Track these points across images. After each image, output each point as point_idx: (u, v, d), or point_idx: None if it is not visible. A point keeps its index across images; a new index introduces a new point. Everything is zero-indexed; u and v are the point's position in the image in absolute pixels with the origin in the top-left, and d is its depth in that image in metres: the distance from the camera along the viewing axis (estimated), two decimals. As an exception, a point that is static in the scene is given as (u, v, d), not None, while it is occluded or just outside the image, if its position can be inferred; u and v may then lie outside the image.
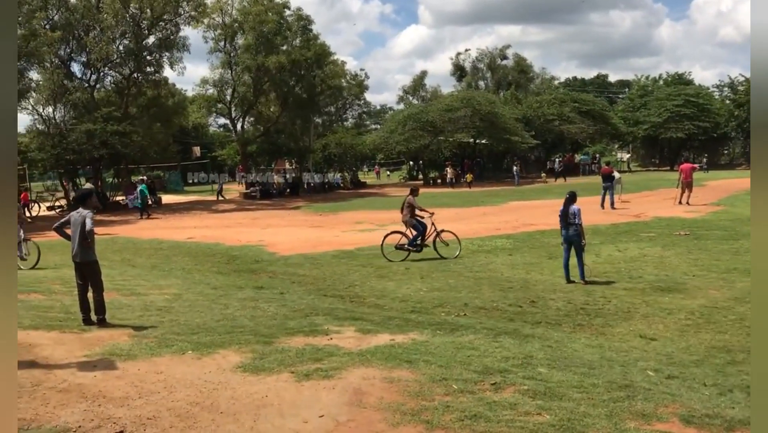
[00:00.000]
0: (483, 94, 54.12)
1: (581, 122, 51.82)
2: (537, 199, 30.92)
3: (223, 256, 16.85)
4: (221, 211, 31.51)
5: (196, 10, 35.90)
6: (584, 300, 10.89)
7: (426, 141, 47.01)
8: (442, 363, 6.86)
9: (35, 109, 34.68)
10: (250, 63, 38.13)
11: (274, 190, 41.31)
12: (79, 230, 8.65)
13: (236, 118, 43.50)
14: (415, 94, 67.15)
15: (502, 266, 14.21)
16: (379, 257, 15.79)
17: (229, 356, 7.14)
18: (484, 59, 66.02)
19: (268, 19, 38.08)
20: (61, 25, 33.20)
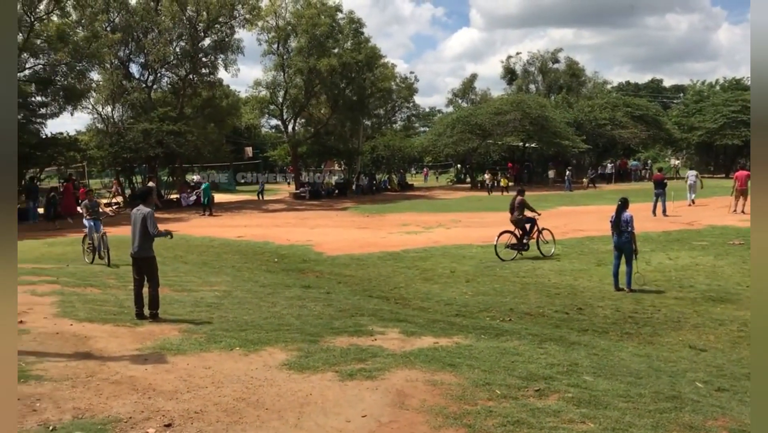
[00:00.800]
0: (533, 97, 53.47)
1: (634, 127, 50.71)
2: (587, 204, 30.44)
3: (271, 254, 17.12)
4: (271, 211, 31.99)
5: (250, 13, 36.52)
6: (633, 308, 10.71)
7: (474, 144, 46.76)
8: (485, 368, 6.84)
9: (95, 109, 35.85)
10: (302, 65, 38.58)
11: (323, 191, 41.73)
12: (139, 226, 8.84)
13: (287, 120, 44.08)
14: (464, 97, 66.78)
15: (550, 271, 14.06)
16: (425, 259, 15.82)
17: (276, 354, 7.25)
18: (536, 63, 65.29)
19: (321, 22, 38.47)
20: (122, 28, 34.22)
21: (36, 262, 14.84)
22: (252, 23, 37.67)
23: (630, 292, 11.83)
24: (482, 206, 31.27)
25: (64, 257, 16.36)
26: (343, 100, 42.04)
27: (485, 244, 18.02)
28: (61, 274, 12.43)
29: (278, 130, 51.60)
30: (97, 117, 36.29)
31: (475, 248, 17.49)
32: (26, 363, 6.46)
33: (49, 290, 10.45)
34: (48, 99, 29.52)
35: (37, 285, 10.82)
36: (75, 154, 32.65)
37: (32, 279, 11.40)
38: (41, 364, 6.49)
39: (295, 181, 43.69)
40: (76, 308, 9.20)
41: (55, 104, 29.91)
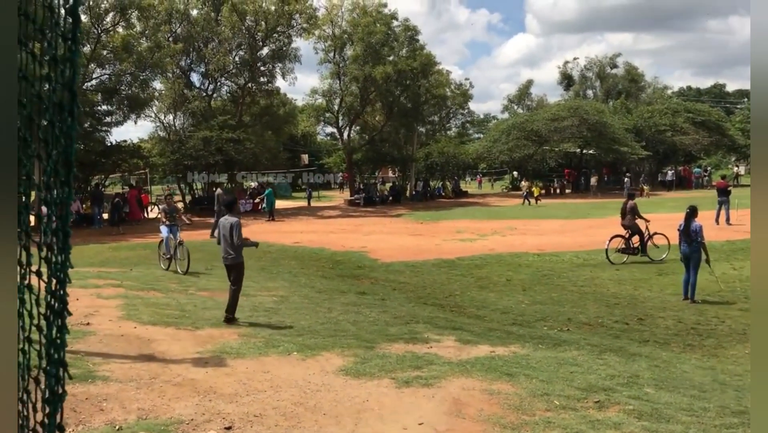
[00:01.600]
0: (591, 103, 52.56)
1: (695, 133, 49.25)
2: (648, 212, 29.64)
3: (327, 261, 17.29)
4: (326, 217, 32.32)
5: (308, 22, 37.07)
6: (696, 319, 10.41)
7: (530, 151, 46.27)
8: (543, 378, 6.75)
9: (157, 117, 37.02)
10: (357, 73, 38.90)
11: (377, 197, 41.91)
12: (229, 234, 9.32)
13: (343, 127, 44.47)
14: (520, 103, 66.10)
15: (609, 281, 13.79)
16: (480, 267, 15.72)
17: (332, 359, 7.31)
18: (593, 68, 64.17)
19: (377, 30, 38.73)
20: (183, 38, 35.21)
21: (101, 265, 15.35)
22: (309, 32, 38.22)
23: (692, 303, 11.49)
24: (538, 214, 30.88)
25: (127, 261, 16.89)
26: (397, 107, 42.17)
27: (542, 252, 17.81)
28: (125, 278, 12.83)
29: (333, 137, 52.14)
30: (159, 125, 37.45)
31: (531, 256, 17.27)
32: (93, 364, 6.69)
33: (114, 294, 10.80)
34: (113, 108, 30.58)
35: (102, 288, 11.20)
36: (138, 162, 33.71)
37: (98, 282, 11.79)
38: (107, 365, 6.72)
39: (350, 188, 44.03)
40: (140, 311, 9.48)
41: (120, 113, 30.97)
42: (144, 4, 29.39)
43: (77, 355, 6.94)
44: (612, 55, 64.09)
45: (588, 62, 64.33)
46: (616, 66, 63.50)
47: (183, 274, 13.76)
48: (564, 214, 30.02)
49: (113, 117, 30.88)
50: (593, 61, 64.03)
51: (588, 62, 64.33)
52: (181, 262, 14.17)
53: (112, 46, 28.73)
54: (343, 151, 45.47)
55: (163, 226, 14.79)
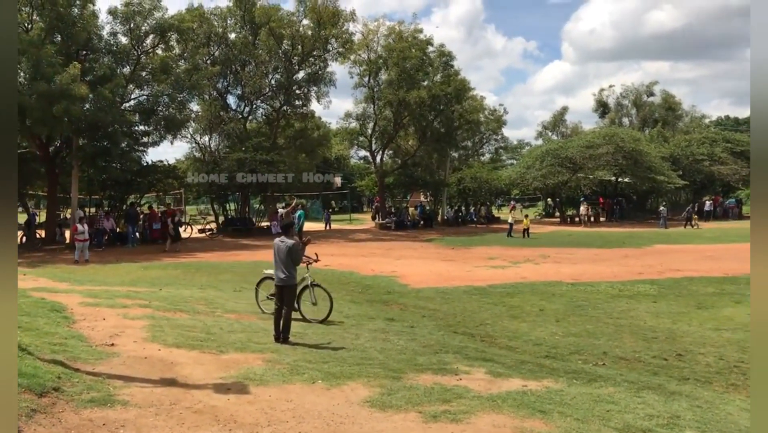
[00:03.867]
0: (627, 130, 51.86)
1: (734, 163, 48.31)
2: (685, 243, 28.99)
3: (356, 285, 17.10)
4: (357, 241, 32.20)
5: (343, 47, 37.34)
6: (738, 357, 9.95)
7: (564, 177, 45.71)
8: (578, 416, 6.46)
9: (193, 138, 37.44)
10: (391, 98, 38.95)
11: (409, 222, 41.71)
12: (284, 256, 9.78)
13: (376, 151, 44.54)
14: (554, 130, 65.66)
15: (645, 313, 13.34)
16: (512, 295, 15.36)
17: (358, 389, 7.12)
18: (629, 96, 63.55)
19: (412, 55, 38.83)
20: (221, 60, 35.70)
21: (131, 285, 15.38)
22: (345, 56, 38.51)
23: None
24: (572, 242, 30.35)
25: (158, 280, 16.90)
26: (431, 131, 42.12)
27: (576, 281, 17.40)
28: (153, 298, 12.79)
29: (366, 161, 52.23)
30: (195, 146, 37.87)
31: (565, 285, 16.86)
32: (114, 387, 6.58)
33: (141, 314, 10.74)
34: (150, 128, 30.96)
35: (129, 308, 11.16)
36: (173, 182, 34.07)
37: (126, 302, 11.77)
38: (128, 389, 6.59)
39: (381, 212, 43.95)
40: (165, 333, 9.39)
41: (156, 133, 31.32)
42: (183, 27, 29.85)
43: (98, 377, 6.85)
44: (649, 83, 63.50)
45: (624, 90, 63.78)
46: (652, 94, 62.83)
47: (319, 321, 11.23)
48: (598, 243, 29.44)
49: (150, 137, 31.25)
50: (629, 88, 63.49)
51: (624, 90, 63.78)
52: (313, 308, 11.43)
53: (151, 68, 29.15)
54: (376, 174, 45.45)
55: None
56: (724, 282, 17.12)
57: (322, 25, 35.66)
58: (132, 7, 28.08)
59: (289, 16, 36.54)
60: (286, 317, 9.72)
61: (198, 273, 18.61)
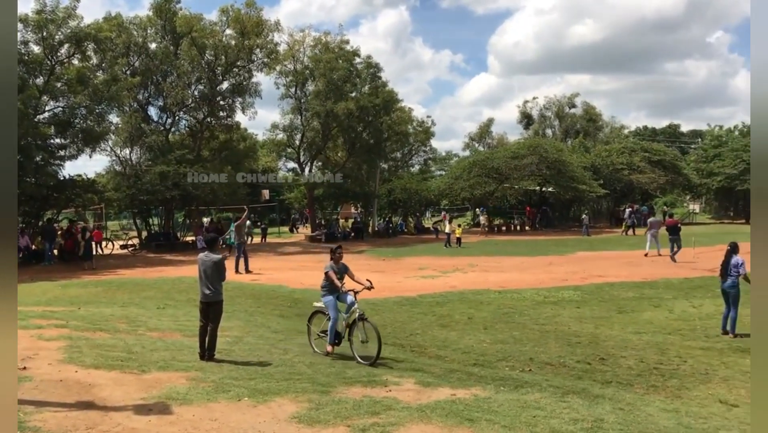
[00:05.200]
0: (550, 141, 53.51)
1: (651, 172, 50.49)
2: (606, 250, 29.97)
3: (285, 299, 16.86)
4: (287, 254, 31.81)
5: (268, 57, 36.92)
6: (658, 359, 10.30)
7: (491, 188, 46.62)
8: (505, 423, 6.53)
9: (113, 151, 36.07)
10: (319, 109, 38.83)
11: (339, 233, 41.55)
12: (211, 272, 9.46)
13: (304, 163, 44.25)
14: (481, 141, 67.01)
15: (570, 319, 13.67)
16: (442, 305, 15.46)
17: (285, 405, 6.99)
18: (552, 107, 65.57)
19: (339, 66, 38.87)
20: (141, 71, 34.62)
21: (47, 304, 14.67)
22: (270, 67, 38.12)
23: (733, 337, 11.56)
24: (499, 250, 30.92)
25: (77, 299, 16.17)
26: (359, 143, 42.22)
27: (503, 289, 17.69)
28: (71, 317, 12.22)
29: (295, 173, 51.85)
30: (115, 159, 36.56)
31: (492, 293, 17.11)
32: (24, 414, 6.19)
33: (57, 334, 10.23)
34: (67, 141, 29.67)
35: (44, 329, 10.61)
36: (93, 196, 32.77)
37: (40, 323, 11.19)
38: (40, 414, 6.23)
39: (311, 224, 43.62)
40: (83, 354, 8.97)
41: (74, 146, 30.00)
42: (101, 37, 28.79)
43: (7, 404, 6.43)
44: (570, 95, 65.64)
45: (547, 102, 65.71)
46: (574, 106, 64.99)
47: (368, 364, 9.39)
48: (524, 251, 30.09)
49: (67, 151, 29.93)
50: (552, 100, 65.51)
51: (547, 102, 65.71)
52: (363, 345, 9.79)
53: (67, 79, 28.01)
54: (305, 186, 45.14)
55: (329, 297, 10.24)
56: (644, 287, 17.77)
57: (246, 35, 35.18)
58: (44, 15, 26.82)
59: (211, 26, 35.88)
60: (212, 333, 9.44)
61: (120, 290, 17.93)
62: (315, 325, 10.61)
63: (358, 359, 9.52)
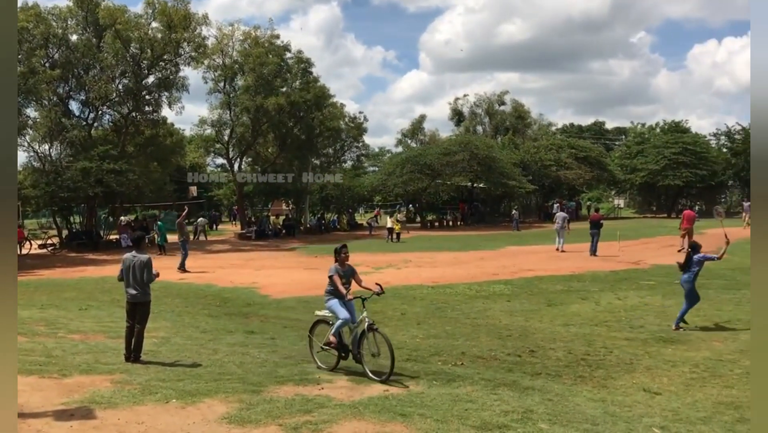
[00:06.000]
0: (481, 138, 54.39)
1: (578, 168, 52.05)
2: (535, 244, 30.66)
3: (214, 298, 16.50)
4: (216, 252, 31.17)
5: (196, 51, 36.03)
6: (585, 350, 10.55)
7: (424, 184, 47.02)
8: (438, 417, 6.58)
9: (31, 147, 34.43)
10: (249, 104, 38.18)
11: (270, 231, 41.04)
12: (138, 272, 9.12)
13: (234, 159, 43.46)
14: (413, 138, 67.43)
15: (501, 312, 13.87)
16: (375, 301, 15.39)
17: (215, 406, 6.85)
18: (483, 105, 66.55)
19: (269, 61, 38.31)
20: (61, 64, 33.13)
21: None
22: (198, 61, 37.21)
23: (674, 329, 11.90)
24: (432, 246, 31.19)
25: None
26: (291, 138, 41.79)
27: (436, 284, 17.82)
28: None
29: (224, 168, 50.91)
30: (34, 155, 34.90)
31: (425, 288, 17.22)
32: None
33: (-31, 339, 9.65)
34: (-21, 136, 28.20)
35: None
36: (9, 193, 31.25)
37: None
38: (-52, 425, 5.85)
39: (241, 221, 42.90)
40: (-3, 359, 8.48)
41: (-12, 142, 28.57)
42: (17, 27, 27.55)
43: None
44: (500, 93, 66.78)
45: (477, 99, 66.67)
46: (503, 103, 66.17)
47: (380, 380, 8.17)
48: (457, 246, 30.46)
49: (-20, 146, 28.44)
50: (482, 98, 66.48)
51: (477, 99, 66.67)
52: (374, 359, 8.59)
53: (-20, 70, 26.62)
54: (234, 183, 44.37)
55: (333, 300, 8.95)
56: (571, 280, 18.25)
57: (173, 28, 34.22)
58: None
59: (136, 18, 34.70)
60: (139, 334, 9.16)
61: (38, 292, 17.17)
62: (318, 336, 9.24)
63: (370, 375, 8.33)
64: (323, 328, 9.22)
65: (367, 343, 8.57)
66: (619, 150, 68.60)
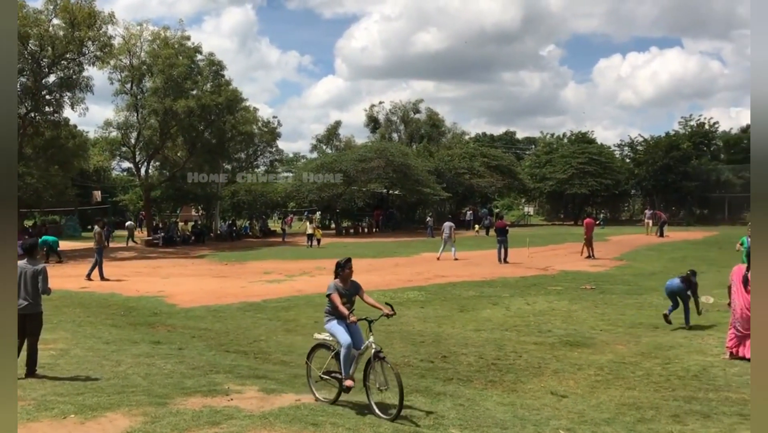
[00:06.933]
0: (396, 145, 54.75)
1: (490, 176, 53.34)
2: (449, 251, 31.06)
3: (118, 307, 15.79)
4: (120, 259, 29.93)
5: (101, 50, 34.42)
6: (496, 355, 10.74)
7: (339, 190, 46.90)
8: (350, 426, 6.54)
9: None
10: (157, 106, 36.88)
11: (179, 237, 39.80)
12: (30, 282, 8.60)
13: (140, 162, 41.93)
14: (328, 144, 67.14)
15: (414, 319, 13.94)
16: (287, 309, 15.18)
17: (117, 420, 6.54)
18: (398, 112, 66.98)
19: (179, 63, 37.15)
20: (-50, 59, 31.12)
21: None
22: (103, 61, 35.60)
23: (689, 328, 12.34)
24: (347, 253, 31.06)
25: None
26: (201, 142, 40.70)
27: (349, 291, 17.70)
28: None
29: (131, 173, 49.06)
30: None
31: (339, 295, 17.06)
32: None
33: None
34: None
35: None
36: None
37: None
38: None
39: (148, 228, 41.45)
40: None
41: None
42: None
43: None
44: (415, 101, 67.41)
45: (393, 106, 67.08)
46: (418, 111, 66.85)
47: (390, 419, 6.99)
48: (371, 253, 30.50)
49: None
50: (398, 105, 66.90)
51: (393, 106, 67.08)
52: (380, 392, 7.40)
53: None
54: (141, 188, 42.81)
55: (334, 322, 7.76)
56: (483, 286, 18.60)
57: (77, 26, 32.61)
58: None
59: (36, 14, 32.90)
60: (31, 347, 8.60)
61: None
62: (317, 363, 8.07)
63: (376, 411, 7.15)
64: (323, 353, 8.06)
65: (373, 374, 7.42)
66: (529, 159, 70.84)
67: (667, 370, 9.58)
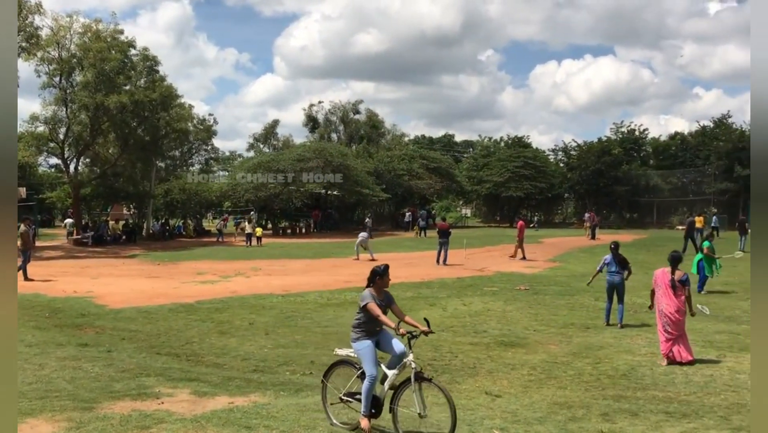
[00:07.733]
0: (335, 146, 54.66)
1: (429, 178, 53.90)
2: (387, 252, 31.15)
3: (43, 308, 15.13)
4: (46, 259, 28.75)
5: (28, 42, 33.04)
6: (432, 355, 10.78)
7: (277, 190, 46.40)
8: (284, 428, 6.45)
9: None
10: (87, 101, 35.58)
11: (109, 236, 38.55)
12: None
13: (69, 159, 40.44)
14: (266, 143, 66.40)
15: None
16: (221, 311, 14.88)
17: (39, 426, 6.32)
18: (337, 112, 66.84)
19: (111, 57, 35.96)
20: None
21: None
22: (30, 53, 34.16)
23: (621, 328, 12.58)
24: (284, 253, 30.81)
25: None
26: (134, 139, 39.56)
27: (286, 293, 17.55)
28: None
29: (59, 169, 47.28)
30: None
31: (275, 297, 16.89)
32: None
33: None
34: None
35: None
36: None
37: None
38: None
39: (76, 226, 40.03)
40: None
41: None
42: None
43: None
44: (355, 102, 67.45)
45: (332, 107, 66.91)
46: (358, 112, 66.91)
47: None
48: (309, 254, 30.28)
49: None
50: (337, 105, 66.78)
51: (332, 107, 66.91)
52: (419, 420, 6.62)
53: None
54: (69, 185, 41.29)
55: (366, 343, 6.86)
56: (421, 287, 18.68)
57: None
58: None
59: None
60: None
61: None
62: (335, 382, 7.07)
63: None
64: (345, 371, 7.05)
65: (408, 395, 6.54)
66: (467, 162, 71.92)
67: (597, 369, 9.81)
